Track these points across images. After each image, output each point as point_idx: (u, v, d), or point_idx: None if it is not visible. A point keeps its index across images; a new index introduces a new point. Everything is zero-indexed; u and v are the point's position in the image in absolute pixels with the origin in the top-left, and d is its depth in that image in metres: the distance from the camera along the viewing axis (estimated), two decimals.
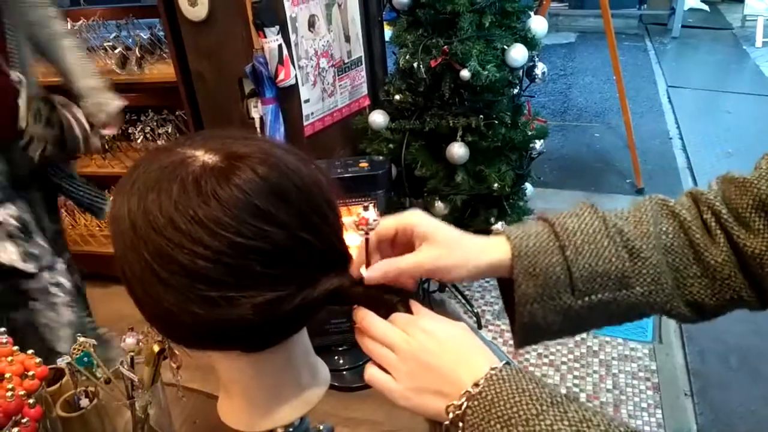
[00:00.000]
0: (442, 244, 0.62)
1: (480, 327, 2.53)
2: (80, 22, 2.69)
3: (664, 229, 0.65)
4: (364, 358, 0.60)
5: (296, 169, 0.59)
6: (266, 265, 0.56)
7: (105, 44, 2.65)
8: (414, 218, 0.64)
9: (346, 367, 1.83)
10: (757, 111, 4.62)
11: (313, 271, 0.60)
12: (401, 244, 0.65)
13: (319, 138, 2.30)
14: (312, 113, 2.26)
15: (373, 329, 0.60)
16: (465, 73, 2.09)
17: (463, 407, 0.53)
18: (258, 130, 2.16)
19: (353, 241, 0.65)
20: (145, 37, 2.65)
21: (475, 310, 2.59)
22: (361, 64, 2.48)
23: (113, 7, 2.93)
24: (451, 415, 0.54)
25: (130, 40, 2.67)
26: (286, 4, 2.07)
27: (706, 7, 7.31)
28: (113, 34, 2.68)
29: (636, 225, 0.65)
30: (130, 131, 2.79)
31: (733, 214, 0.64)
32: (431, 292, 2.64)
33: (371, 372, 0.59)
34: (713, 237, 0.64)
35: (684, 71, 5.66)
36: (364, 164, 2.12)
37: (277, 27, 2.04)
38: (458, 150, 2.20)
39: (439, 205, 2.32)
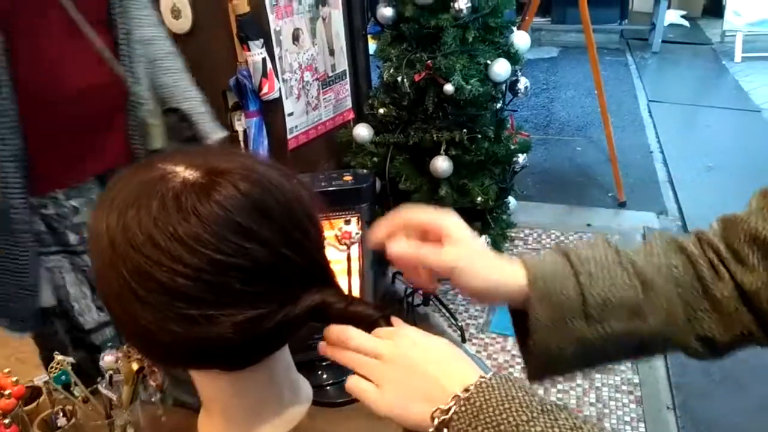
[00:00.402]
0: (468, 250, 0.64)
1: (464, 341, 2.53)
2: None
3: (674, 262, 0.66)
4: (348, 372, 0.59)
5: (278, 185, 0.59)
6: (246, 282, 0.55)
7: None
8: (447, 220, 0.65)
9: (330, 382, 1.82)
10: (736, 125, 4.69)
11: (294, 287, 0.59)
12: (431, 241, 0.66)
13: (303, 151, 2.30)
14: (296, 126, 2.26)
15: (354, 339, 0.59)
16: (449, 88, 2.10)
17: (451, 412, 0.52)
18: (241, 143, 2.15)
19: (334, 256, 0.65)
20: None
21: (459, 324, 2.59)
22: (346, 78, 2.49)
23: None
24: (436, 421, 0.52)
25: None
26: (270, 18, 2.07)
27: (686, 23, 7.43)
28: None
29: (647, 257, 0.66)
30: None
31: (731, 250, 0.66)
32: (416, 305, 2.64)
33: (353, 380, 0.57)
34: (718, 273, 0.65)
35: (665, 86, 5.74)
36: (348, 178, 2.12)
37: (261, 40, 2.03)
38: (442, 164, 2.21)
39: None
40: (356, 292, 2.06)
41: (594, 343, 0.63)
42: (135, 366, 0.82)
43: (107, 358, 0.85)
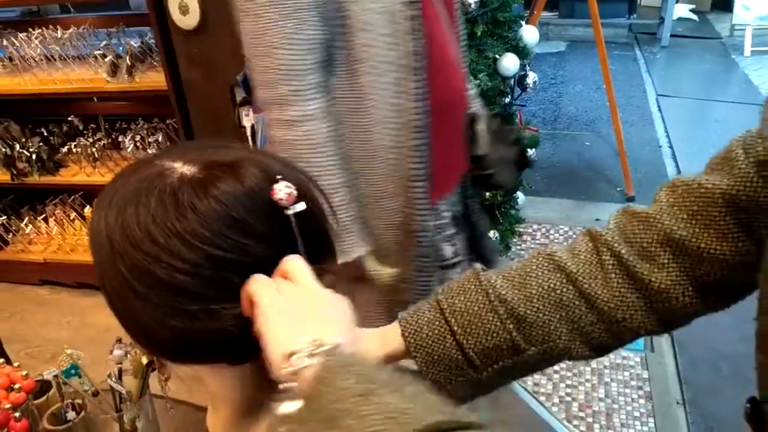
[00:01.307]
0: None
1: None
2: (70, 30, 2.67)
3: (552, 285, 0.67)
4: None
5: (279, 175, 0.59)
6: (246, 276, 0.55)
7: (95, 52, 2.64)
8: None
9: None
10: (745, 119, 4.65)
11: None
12: None
13: None
14: None
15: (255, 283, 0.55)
16: None
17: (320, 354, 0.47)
18: (249, 138, 2.15)
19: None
20: (135, 45, 2.64)
21: None
22: None
23: (104, 15, 2.92)
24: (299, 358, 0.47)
25: (121, 48, 2.65)
26: None
27: (695, 17, 7.38)
28: (104, 42, 2.67)
29: (520, 288, 0.67)
30: (119, 140, 2.77)
31: (636, 250, 0.66)
32: None
33: (258, 278, 0.54)
34: (606, 281, 0.66)
35: (673, 80, 5.70)
36: None
37: None
38: None
39: None
40: None
41: (490, 381, 0.68)
42: (144, 360, 0.82)
43: (116, 352, 0.86)
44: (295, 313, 0.52)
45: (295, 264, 0.56)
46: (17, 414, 0.78)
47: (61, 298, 2.94)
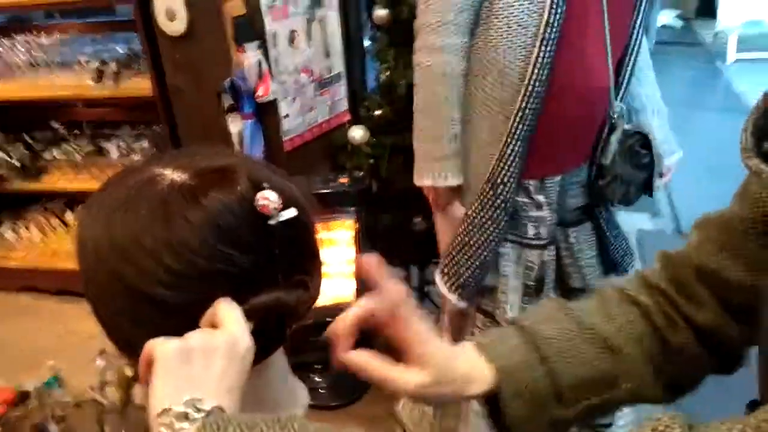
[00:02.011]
0: (434, 373, 0.59)
1: None
2: (55, 36, 2.65)
3: (630, 319, 0.65)
4: (342, 376, 0.58)
5: (267, 184, 0.58)
6: (228, 288, 0.54)
7: (80, 58, 2.62)
8: (411, 323, 0.59)
9: (324, 385, 1.81)
10: (729, 127, 4.69)
11: (281, 285, 0.58)
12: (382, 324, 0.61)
13: (299, 153, 2.29)
14: (292, 128, 2.25)
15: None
16: None
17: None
18: (236, 145, 2.14)
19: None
20: (121, 51, 2.62)
21: None
22: (341, 80, 2.48)
23: (89, 22, 2.90)
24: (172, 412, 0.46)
25: (106, 54, 2.63)
26: (266, 20, 2.06)
27: (679, 24, 7.46)
28: (89, 49, 2.65)
29: (608, 321, 0.64)
30: (103, 146, 2.75)
31: (681, 290, 0.65)
32: None
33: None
34: (670, 320, 0.65)
35: (657, 87, 5.75)
36: (343, 180, 2.12)
37: (257, 42, 2.03)
38: None
39: (418, 221, 2.32)
40: (350, 295, 2.06)
41: (570, 419, 0.63)
42: (128, 372, 0.81)
43: (99, 363, 0.85)
44: (185, 369, 0.49)
45: (221, 308, 0.53)
46: None
47: (43, 305, 2.90)
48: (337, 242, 2.12)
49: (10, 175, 2.78)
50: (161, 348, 0.50)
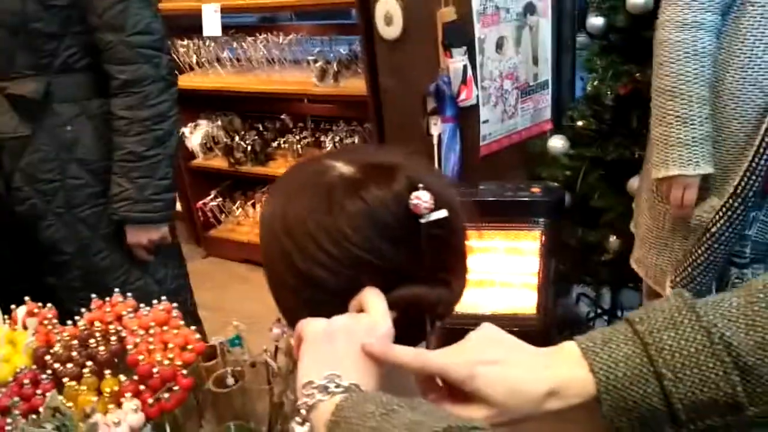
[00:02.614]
0: (496, 403, 0.55)
1: None
2: (291, 36, 2.94)
3: None
4: None
5: (427, 186, 0.61)
6: (375, 278, 0.58)
7: (308, 57, 2.88)
8: (445, 372, 0.56)
9: None
10: None
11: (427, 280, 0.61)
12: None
13: (493, 159, 2.30)
14: (489, 134, 2.26)
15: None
16: None
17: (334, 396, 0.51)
18: (435, 146, 2.21)
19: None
20: (343, 52, 2.83)
21: None
22: (547, 88, 2.43)
23: (320, 24, 3.18)
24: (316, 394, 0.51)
25: (331, 54, 2.87)
26: (477, 26, 2.09)
27: None
28: (317, 49, 2.90)
29: (747, 332, 0.54)
30: (321, 139, 3.00)
31: None
32: None
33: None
34: None
35: None
36: (536, 189, 2.09)
37: (465, 47, 2.07)
38: None
39: (613, 240, 2.20)
40: (531, 308, 2.01)
41: None
42: (293, 342, 0.89)
43: (274, 331, 0.94)
44: (328, 348, 0.55)
45: (367, 295, 0.59)
46: (185, 372, 0.89)
47: (259, 277, 3.24)
48: (522, 252, 2.09)
49: (245, 159, 3.15)
50: (309, 328, 0.57)
